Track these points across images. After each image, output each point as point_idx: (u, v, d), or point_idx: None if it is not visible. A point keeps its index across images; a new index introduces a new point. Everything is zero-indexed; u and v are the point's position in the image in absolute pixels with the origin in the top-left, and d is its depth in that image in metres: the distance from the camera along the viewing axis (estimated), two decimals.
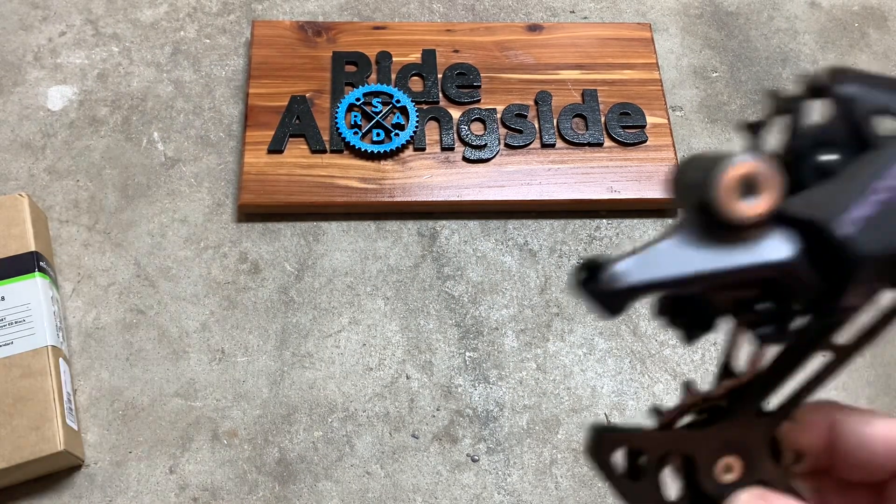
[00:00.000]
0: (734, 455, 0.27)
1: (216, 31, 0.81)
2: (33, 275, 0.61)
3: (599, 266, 0.22)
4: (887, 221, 0.22)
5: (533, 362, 0.67)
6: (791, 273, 0.22)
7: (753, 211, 0.22)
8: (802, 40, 0.86)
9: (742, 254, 0.22)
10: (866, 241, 0.22)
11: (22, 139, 0.73)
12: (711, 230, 0.22)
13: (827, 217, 0.22)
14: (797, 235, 0.23)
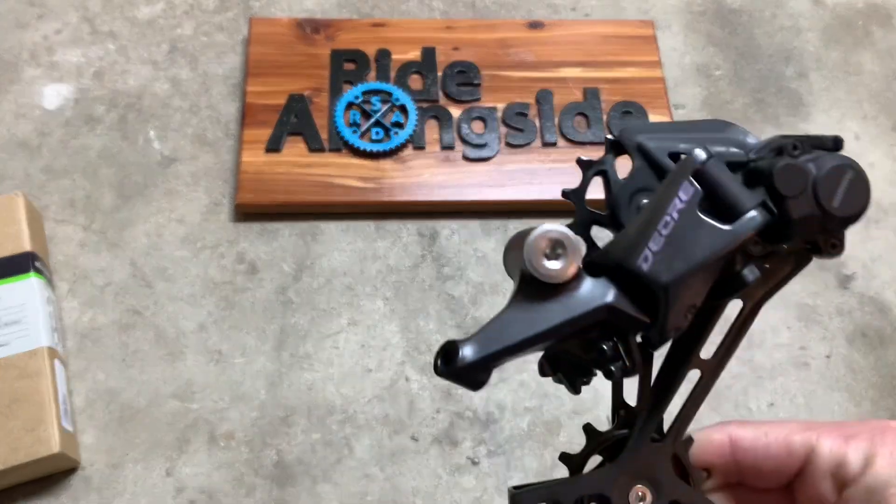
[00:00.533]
0: (643, 483, 0.30)
1: (213, 28, 0.80)
2: (29, 275, 0.61)
3: (449, 351, 0.26)
4: (676, 250, 0.25)
5: (534, 363, 0.66)
6: (617, 312, 0.26)
7: (563, 268, 0.26)
8: (806, 38, 0.85)
9: (569, 306, 0.26)
10: (662, 271, 0.25)
11: (17, 138, 0.72)
12: (538, 294, 0.26)
13: (629, 259, 0.26)
14: (611, 281, 0.26)
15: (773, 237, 0.26)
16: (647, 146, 0.28)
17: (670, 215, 0.26)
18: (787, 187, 0.26)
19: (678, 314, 0.26)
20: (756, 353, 0.68)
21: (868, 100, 0.82)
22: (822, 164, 0.26)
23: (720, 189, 0.26)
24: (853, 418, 0.66)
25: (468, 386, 0.27)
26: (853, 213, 0.27)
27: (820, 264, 0.72)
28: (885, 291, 0.72)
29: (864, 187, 0.27)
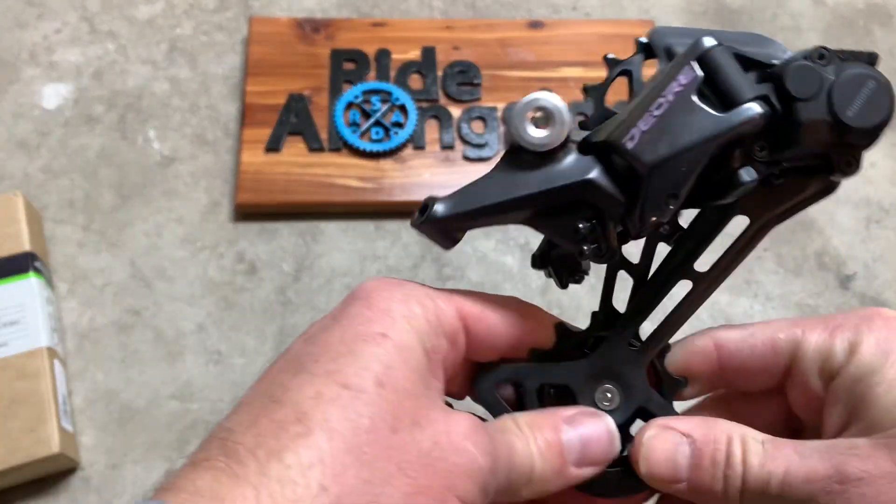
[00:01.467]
0: (612, 384, 0.29)
1: (213, 28, 0.80)
2: (28, 275, 0.61)
3: (429, 205, 0.26)
4: (663, 132, 0.24)
5: None
6: (597, 189, 0.25)
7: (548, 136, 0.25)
8: (807, 38, 0.85)
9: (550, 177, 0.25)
10: (646, 150, 0.24)
11: (16, 138, 0.72)
12: (521, 162, 0.26)
13: (615, 137, 0.25)
14: (598, 160, 0.26)
15: (779, 142, 0.25)
16: (676, 50, 0.27)
17: (665, 97, 0.25)
18: (799, 88, 0.24)
19: (657, 200, 0.25)
20: None
21: None
22: (843, 70, 0.25)
23: (721, 76, 0.25)
24: None
25: (440, 241, 0.26)
26: (870, 125, 0.25)
27: (820, 263, 0.72)
28: (885, 292, 0.71)
29: (886, 100, 0.26)
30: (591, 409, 0.28)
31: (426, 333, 0.25)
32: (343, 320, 0.25)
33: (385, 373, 0.23)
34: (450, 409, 0.25)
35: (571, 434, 0.27)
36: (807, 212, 0.83)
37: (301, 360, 0.24)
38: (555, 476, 0.26)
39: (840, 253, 0.73)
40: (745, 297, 0.70)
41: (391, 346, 0.24)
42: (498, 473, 0.25)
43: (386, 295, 0.26)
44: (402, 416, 0.23)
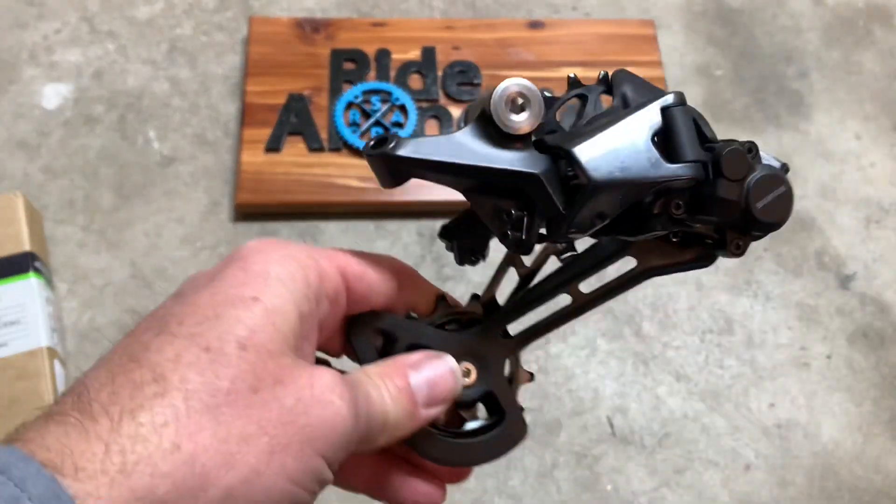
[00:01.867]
0: (473, 363, 0.31)
1: (213, 28, 0.80)
2: (28, 275, 0.61)
3: (388, 139, 0.27)
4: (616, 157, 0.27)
5: (534, 364, 0.66)
6: (540, 186, 0.27)
7: (520, 122, 0.27)
8: (807, 38, 0.85)
9: (505, 159, 0.27)
10: (598, 168, 0.27)
11: (17, 138, 0.72)
12: (488, 136, 0.27)
13: (573, 146, 0.27)
14: (551, 161, 0.28)
15: (694, 207, 0.28)
16: (630, 97, 0.29)
17: (628, 129, 0.27)
18: (729, 169, 0.27)
19: (588, 215, 0.27)
20: (756, 353, 0.68)
21: (869, 100, 0.82)
22: (765, 169, 0.28)
23: (676, 132, 0.28)
24: (854, 419, 0.66)
25: (384, 177, 0.28)
26: (769, 220, 0.28)
27: (820, 263, 0.72)
28: (885, 291, 0.71)
29: (788, 205, 0.29)
30: (433, 351, 0.30)
31: (302, 295, 0.26)
32: (217, 281, 0.25)
33: (249, 336, 0.23)
34: (315, 365, 0.25)
35: (418, 378, 0.28)
36: (807, 211, 0.83)
37: (166, 321, 0.24)
38: (407, 419, 0.28)
39: (840, 253, 0.73)
40: (745, 296, 0.70)
41: (260, 309, 0.24)
42: (359, 423, 0.25)
43: (264, 257, 0.26)
44: (264, 377, 0.23)
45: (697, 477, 0.62)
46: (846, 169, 0.77)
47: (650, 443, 0.63)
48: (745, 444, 0.64)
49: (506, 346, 0.32)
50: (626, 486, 0.62)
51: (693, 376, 0.66)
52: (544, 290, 0.32)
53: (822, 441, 0.64)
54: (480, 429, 0.31)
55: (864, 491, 0.63)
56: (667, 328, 0.68)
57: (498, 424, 0.31)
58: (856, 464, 0.64)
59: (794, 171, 0.77)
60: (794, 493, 0.62)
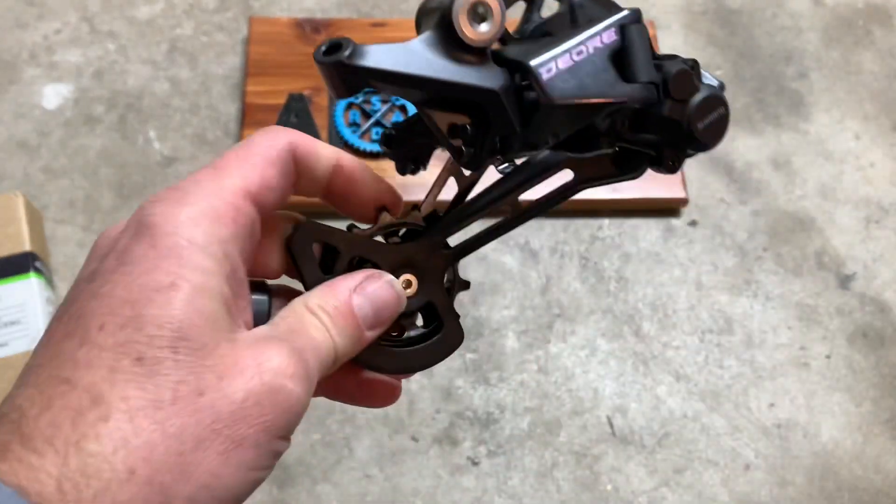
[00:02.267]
0: (414, 274, 0.31)
1: (213, 28, 0.80)
2: (28, 275, 0.61)
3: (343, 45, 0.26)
4: (576, 76, 0.27)
5: (534, 364, 0.66)
6: (497, 102, 0.27)
7: (480, 34, 0.26)
8: (807, 38, 0.85)
9: (463, 72, 0.27)
10: (557, 86, 0.26)
11: (17, 138, 0.72)
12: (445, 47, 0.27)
13: (536, 64, 0.26)
14: (509, 75, 0.27)
15: (638, 124, 0.28)
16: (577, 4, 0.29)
17: (587, 47, 0.27)
18: (677, 90, 0.28)
19: (543, 133, 0.27)
20: (756, 353, 0.68)
21: (869, 99, 0.82)
22: (707, 90, 0.29)
23: (633, 51, 0.28)
24: (854, 419, 0.66)
25: (335, 85, 0.26)
26: (706, 141, 0.29)
27: (819, 263, 0.72)
28: (885, 291, 0.71)
29: (725, 125, 0.29)
30: (372, 270, 0.29)
31: (225, 255, 0.24)
32: (127, 265, 0.23)
33: (179, 334, 0.22)
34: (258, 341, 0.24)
35: (362, 302, 0.27)
36: (807, 211, 0.83)
37: (86, 326, 0.22)
38: (354, 344, 0.27)
39: (840, 253, 0.73)
40: (745, 296, 0.70)
41: (182, 299, 0.22)
42: (313, 383, 0.25)
43: (171, 224, 0.23)
44: (206, 376, 0.22)
45: (697, 477, 0.63)
46: (846, 169, 0.78)
47: (650, 442, 0.63)
48: (744, 443, 0.64)
49: (445, 258, 0.32)
50: (626, 486, 0.62)
51: (693, 376, 0.66)
52: (484, 202, 0.32)
53: (822, 441, 0.64)
54: (420, 336, 0.32)
55: (863, 491, 0.63)
56: (666, 328, 0.68)
57: (437, 332, 0.32)
58: (855, 464, 0.64)
59: (793, 171, 0.77)
60: (793, 493, 0.62)
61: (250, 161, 0.26)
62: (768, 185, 0.76)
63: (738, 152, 0.78)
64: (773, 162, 0.77)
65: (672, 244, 0.72)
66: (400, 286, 0.30)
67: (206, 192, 0.24)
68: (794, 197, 0.76)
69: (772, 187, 0.76)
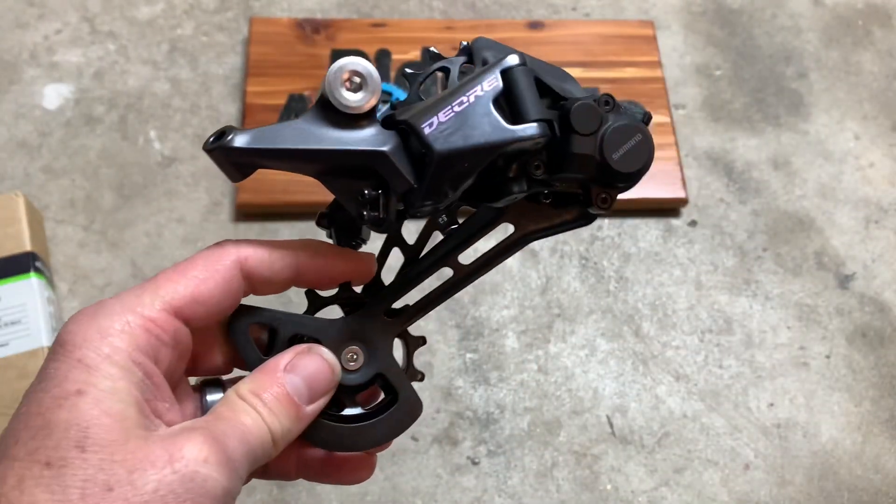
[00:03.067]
0: (360, 346, 0.31)
1: (213, 28, 0.80)
2: (29, 275, 0.61)
3: (226, 132, 0.27)
4: (459, 127, 0.27)
5: (534, 364, 0.66)
6: (388, 163, 0.27)
7: (359, 100, 0.27)
8: (806, 38, 0.85)
9: (349, 140, 0.27)
10: (440, 139, 0.27)
11: (18, 138, 0.72)
12: (327, 118, 0.28)
13: (416, 120, 0.27)
14: (399, 137, 0.28)
15: (553, 165, 0.28)
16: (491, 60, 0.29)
17: (467, 97, 0.28)
18: (579, 124, 0.28)
19: (438, 186, 0.28)
20: (756, 353, 0.68)
21: (868, 100, 0.82)
22: (618, 120, 0.28)
23: (517, 92, 0.28)
24: (853, 418, 0.66)
25: (228, 171, 0.27)
26: (628, 170, 0.28)
27: (819, 263, 0.72)
28: (885, 291, 0.72)
29: (647, 151, 0.28)
30: (303, 345, 0.30)
31: (134, 363, 0.25)
32: (43, 382, 0.24)
33: (85, 435, 0.22)
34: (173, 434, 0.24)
35: (294, 379, 0.28)
36: (806, 212, 0.83)
37: (6, 443, 0.23)
38: (294, 423, 0.27)
39: (839, 253, 0.73)
40: (745, 296, 0.70)
41: (88, 402, 0.23)
42: (239, 467, 0.25)
43: (80, 338, 0.24)
44: (115, 471, 0.22)
45: (697, 476, 0.63)
46: (845, 169, 0.78)
47: (650, 442, 0.64)
48: (744, 443, 0.64)
49: (392, 326, 0.32)
50: (626, 486, 0.62)
51: (692, 376, 0.67)
52: (425, 266, 0.33)
53: (822, 441, 0.65)
54: (374, 411, 0.31)
55: (863, 491, 0.63)
56: (666, 328, 0.68)
57: (393, 404, 0.31)
58: (855, 463, 0.64)
59: (793, 171, 0.77)
60: (793, 493, 0.62)
61: (184, 277, 0.27)
62: (768, 185, 0.76)
63: (737, 152, 0.78)
64: (773, 162, 0.78)
65: (672, 244, 0.72)
66: (331, 356, 0.29)
67: (123, 306, 0.26)
68: (793, 197, 0.76)
69: (771, 187, 0.76)
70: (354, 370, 0.31)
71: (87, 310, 0.26)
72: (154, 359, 0.26)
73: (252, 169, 0.28)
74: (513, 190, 0.29)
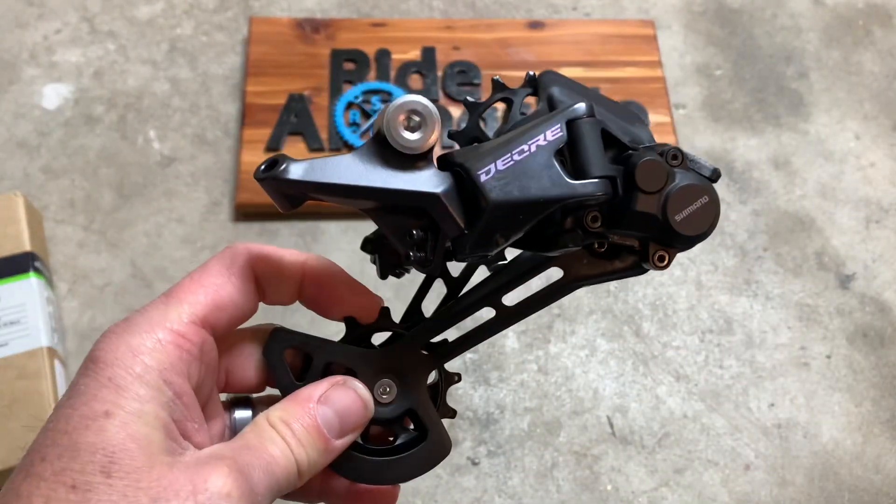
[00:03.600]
0: (394, 379, 0.30)
1: (213, 28, 0.80)
2: (28, 275, 0.61)
3: (279, 161, 0.26)
4: (516, 176, 0.26)
5: (534, 364, 0.66)
6: (440, 205, 0.26)
7: (415, 141, 0.26)
8: (806, 38, 0.85)
9: (403, 179, 0.27)
10: (496, 188, 0.26)
11: (17, 138, 0.72)
12: (384, 156, 0.27)
13: (473, 165, 0.26)
14: (454, 179, 0.27)
15: (612, 219, 0.27)
16: (556, 98, 0.28)
17: (529, 146, 0.26)
18: (644, 181, 0.26)
19: (489, 236, 0.27)
20: (756, 353, 0.68)
21: (869, 99, 0.82)
22: (686, 179, 0.27)
23: (582, 145, 0.27)
24: (854, 419, 0.66)
25: (279, 201, 0.27)
26: (690, 233, 0.27)
27: (819, 263, 0.72)
28: (885, 291, 0.71)
29: (712, 214, 0.27)
30: (338, 377, 0.29)
31: (165, 383, 0.25)
32: (72, 399, 0.24)
33: (111, 460, 0.23)
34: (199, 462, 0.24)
35: (326, 412, 0.28)
36: (806, 212, 0.83)
37: (31, 459, 0.23)
38: (322, 455, 0.27)
39: (840, 253, 0.73)
40: (745, 296, 0.70)
41: (115, 425, 0.23)
42: (262, 500, 0.25)
43: (112, 356, 0.24)
44: (138, 497, 0.22)
45: (697, 477, 0.63)
46: (846, 169, 0.78)
47: (650, 443, 0.63)
48: (744, 444, 0.64)
49: (428, 361, 0.31)
50: (626, 486, 0.62)
51: (693, 376, 0.66)
52: (467, 304, 0.31)
53: (822, 441, 0.64)
54: (402, 445, 0.31)
55: (864, 491, 0.63)
56: (666, 328, 0.68)
57: (422, 440, 0.31)
58: (856, 464, 0.64)
59: (793, 171, 0.77)
60: (793, 493, 0.62)
61: (202, 286, 0.27)
62: (768, 185, 0.76)
63: (738, 152, 0.78)
64: (773, 162, 0.77)
65: None
66: (366, 392, 0.29)
67: (151, 323, 0.26)
68: (794, 197, 0.76)
69: (772, 187, 0.76)
70: (386, 403, 0.30)
71: (117, 326, 0.26)
72: (185, 375, 0.26)
73: (302, 200, 0.27)
74: (567, 243, 0.27)
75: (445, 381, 0.32)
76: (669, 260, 0.28)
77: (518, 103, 0.29)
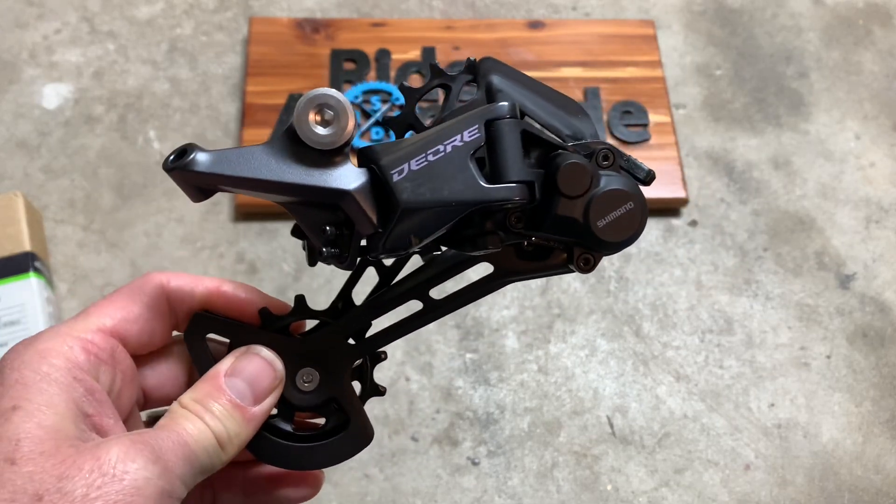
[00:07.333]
0: (316, 368, 0.30)
1: (213, 28, 0.80)
2: (28, 275, 0.61)
3: (188, 151, 0.25)
4: (430, 178, 0.25)
5: (534, 364, 0.66)
6: (353, 203, 0.26)
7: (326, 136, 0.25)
8: (807, 38, 0.85)
9: (315, 175, 0.26)
10: (407, 189, 0.25)
11: (17, 138, 0.72)
12: (296, 150, 0.26)
13: (388, 164, 0.25)
14: (369, 175, 0.26)
15: (534, 222, 0.26)
16: (495, 87, 0.27)
17: (445, 146, 0.26)
18: (566, 185, 0.26)
19: (400, 236, 0.26)
20: (756, 353, 0.68)
21: (869, 99, 0.82)
22: (612, 183, 0.26)
23: (499, 148, 0.26)
24: (854, 419, 0.66)
25: (188, 191, 0.26)
26: (613, 239, 0.26)
27: (820, 263, 0.72)
28: (885, 291, 0.71)
29: (637, 221, 0.26)
30: (244, 347, 0.29)
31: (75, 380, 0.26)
32: None
33: (15, 448, 0.23)
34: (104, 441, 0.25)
35: (236, 383, 0.28)
36: (807, 212, 0.82)
37: None
38: (242, 426, 0.28)
39: (840, 253, 0.73)
40: (745, 296, 0.70)
41: (21, 416, 0.24)
42: (174, 467, 0.25)
43: (18, 362, 0.25)
44: (44, 480, 0.23)
45: (697, 477, 0.62)
46: (846, 169, 0.78)
47: (650, 443, 0.63)
48: (744, 444, 0.64)
49: (353, 351, 0.31)
50: (626, 486, 0.62)
51: (693, 376, 0.66)
52: (396, 294, 0.31)
53: (822, 441, 0.64)
54: (325, 433, 0.31)
55: (864, 491, 0.63)
56: (666, 328, 0.68)
57: (343, 428, 0.31)
58: (856, 464, 0.64)
59: (793, 171, 0.77)
60: (793, 493, 0.62)
61: (111, 304, 0.29)
62: (768, 185, 0.76)
63: (738, 152, 0.78)
64: (773, 162, 0.77)
65: (672, 244, 0.72)
66: (271, 354, 0.29)
67: (58, 333, 0.27)
68: (794, 197, 0.76)
69: (772, 187, 0.76)
70: (308, 392, 0.30)
71: (26, 339, 0.27)
72: (95, 376, 0.26)
73: (212, 191, 0.26)
74: (486, 245, 0.27)
75: (372, 361, 0.32)
76: (594, 263, 0.28)
77: (456, 90, 0.28)
